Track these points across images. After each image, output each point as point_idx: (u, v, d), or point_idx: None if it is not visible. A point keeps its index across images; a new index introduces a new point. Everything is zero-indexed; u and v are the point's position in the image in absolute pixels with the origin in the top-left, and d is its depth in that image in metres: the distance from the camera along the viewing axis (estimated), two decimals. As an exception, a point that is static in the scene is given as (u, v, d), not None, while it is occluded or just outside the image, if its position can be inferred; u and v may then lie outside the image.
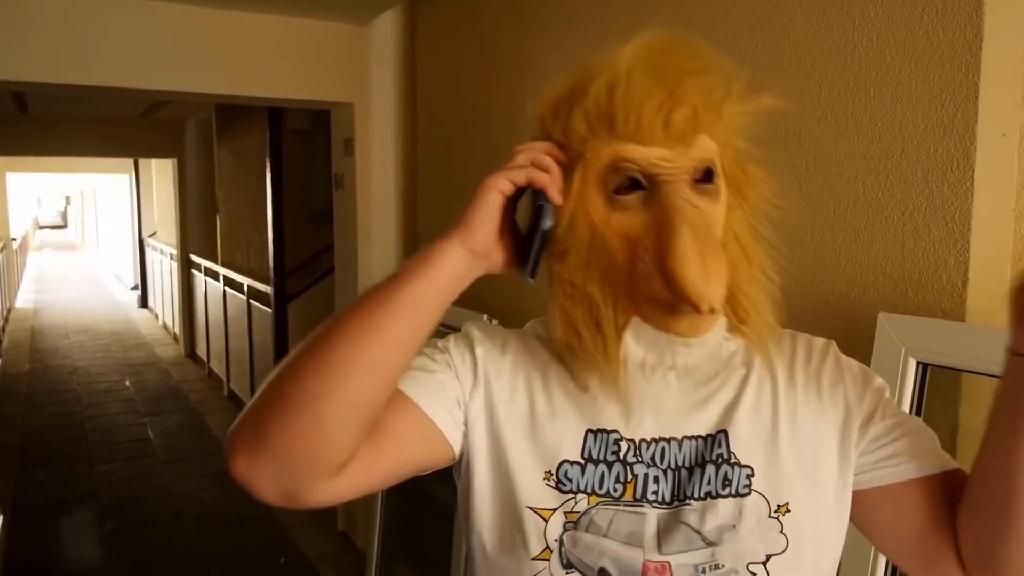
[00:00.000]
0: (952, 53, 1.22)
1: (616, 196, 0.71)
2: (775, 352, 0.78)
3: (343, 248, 3.36)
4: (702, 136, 0.71)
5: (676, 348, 0.74)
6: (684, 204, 0.69)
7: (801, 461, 0.74)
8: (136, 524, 3.90)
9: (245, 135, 5.65)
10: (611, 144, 0.71)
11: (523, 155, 0.74)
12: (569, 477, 0.74)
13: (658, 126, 0.69)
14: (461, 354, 0.79)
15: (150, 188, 10.50)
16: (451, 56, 2.82)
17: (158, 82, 2.85)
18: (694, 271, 0.66)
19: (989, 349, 1.16)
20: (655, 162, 0.70)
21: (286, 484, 0.66)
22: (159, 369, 7.31)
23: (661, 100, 0.69)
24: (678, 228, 0.67)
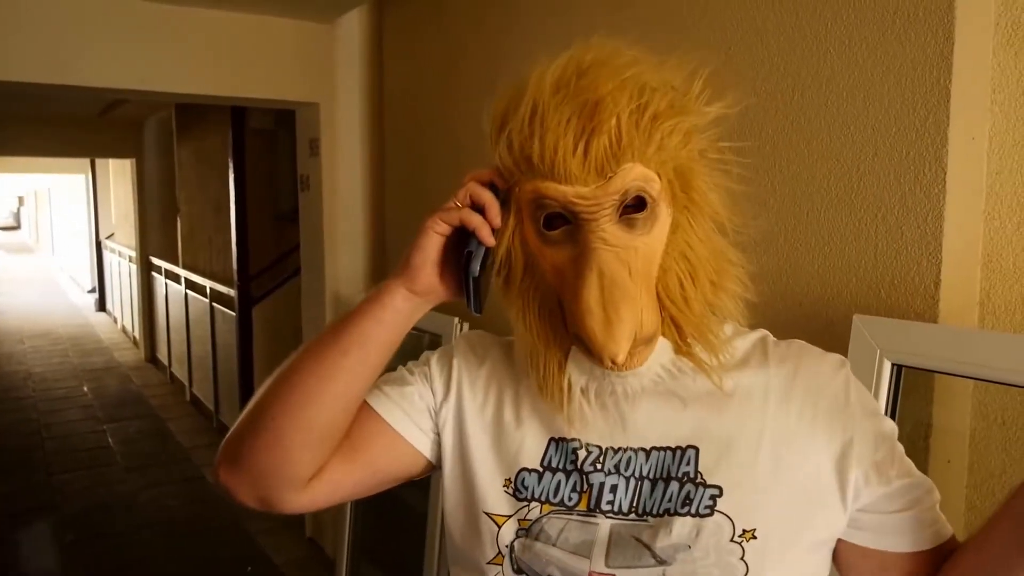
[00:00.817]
0: (924, 57, 1.23)
1: (544, 231, 0.71)
2: (775, 366, 0.75)
3: (309, 250, 3.31)
4: (627, 164, 0.68)
5: (612, 378, 0.73)
6: (598, 246, 0.67)
7: (779, 487, 0.71)
8: (97, 535, 3.80)
9: (206, 135, 5.55)
10: (532, 180, 0.70)
11: (464, 189, 0.75)
12: (526, 485, 0.75)
13: (574, 162, 0.67)
14: (440, 366, 0.84)
15: (107, 189, 10.25)
16: (419, 55, 2.78)
17: (116, 81, 2.77)
18: (596, 323, 0.65)
19: (962, 350, 1.17)
20: (572, 200, 0.68)
21: (258, 492, 0.77)
22: (119, 374, 7.14)
23: (581, 129, 0.67)
24: (585, 276, 0.66)
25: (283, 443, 0.73)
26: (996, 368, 1.13)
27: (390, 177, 3.05)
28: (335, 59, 3.09)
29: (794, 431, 0.72)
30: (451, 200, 0.75)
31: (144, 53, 2.76)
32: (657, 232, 0.70)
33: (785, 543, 0.70)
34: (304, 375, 0.75)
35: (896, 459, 0.73)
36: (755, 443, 0.72)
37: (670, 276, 0.70)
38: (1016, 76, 1.23)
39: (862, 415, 0.73)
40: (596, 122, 0.67)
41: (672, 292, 0.70)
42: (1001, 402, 1.26)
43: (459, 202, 0.75)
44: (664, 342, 0.72)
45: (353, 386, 0.76)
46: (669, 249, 0.71)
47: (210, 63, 2.88)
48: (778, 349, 0.77)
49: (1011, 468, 1.25)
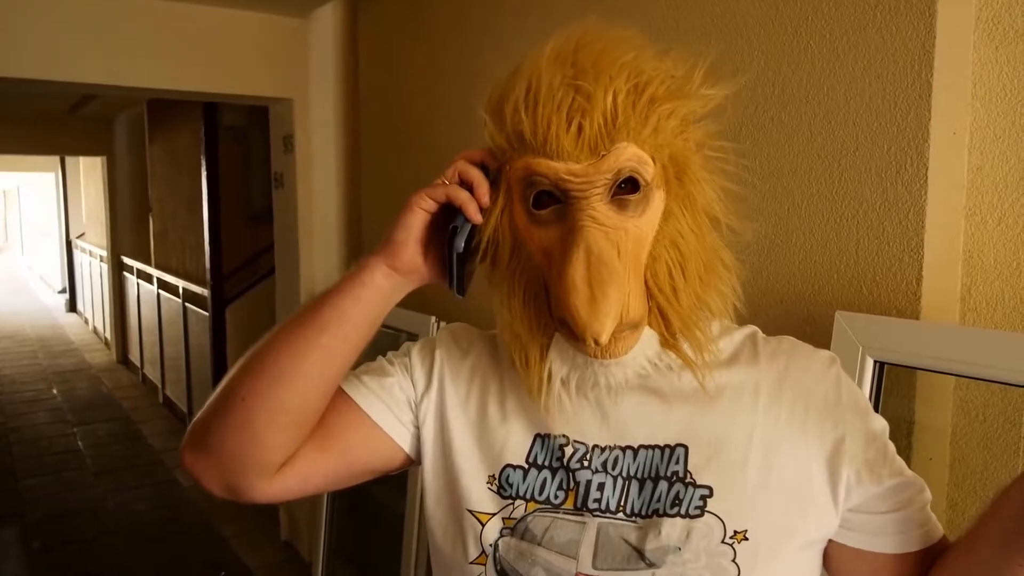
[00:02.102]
0: (905, 50, 1.22)
1: (533, 210, 0.68)
2: (766, 362, 0.73)
3: (284, 249, 3.25)
4: (621, 144, 0.66)
5: (595, 367, 0.69)
6: (587, 223, 0.65)
7: (770, 487, 0.69)
8: (65, 541, 3.70)
9: (179, 132, 5.46)
10: (524, 157, 0.68)
11: (452, 166, 0.73)
12: (510, 482, 0.73)
13: (567, 138, 0.65)
14: (421, 357, 0.81)
15: (78, 187, 10.07)
16: (395, 51, 2.74)
17: (85, 75, 2.70)
18: (580, 301, 0.63)
19: (945, 347, 1.16)
20: (564, 177, 0.66)
21: (226, 478, 0.73)
22: (89, 376, 7.00)
23: (576, 106, 0.65)
24: (572, 253, 0.64)
25: (253, 425, 0.70)
26: (978, 364, 1.12)
27: (366, 175, 3.00)
28: (309, 54, 3.04)
29: (785, 429, 0.70)
30: (440, 178, 0.73)
31: (114, 47, 2.69)
32: (649, 216, 0.68)
33: (777, 544, 0.68)
34: (277, 353, 0.71)
35: (888, 458, 0.71)
36: (746, 442, 0.70)
37: (659, 264, 0.68)
38: (996, 70, 1.22)
39: (853, 413, 0.71)
40: (591, 98, 0.64)
41: (661, 281, 0.68)
42: (982, 398, 1.25)
43: (447, 179, 0.73)
44: (650, 333, 0.69)
45: (329, 366, 0.72)
46: (660, 237, 0.68)
47: (182, 58, 2.81)
48: (768, 346, 0.75)
49: (992, 465, 1.25)
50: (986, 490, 1.25)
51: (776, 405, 0.71)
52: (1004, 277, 1.23)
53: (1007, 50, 1.21)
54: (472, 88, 2.30)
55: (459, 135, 2.37)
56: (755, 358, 0.74)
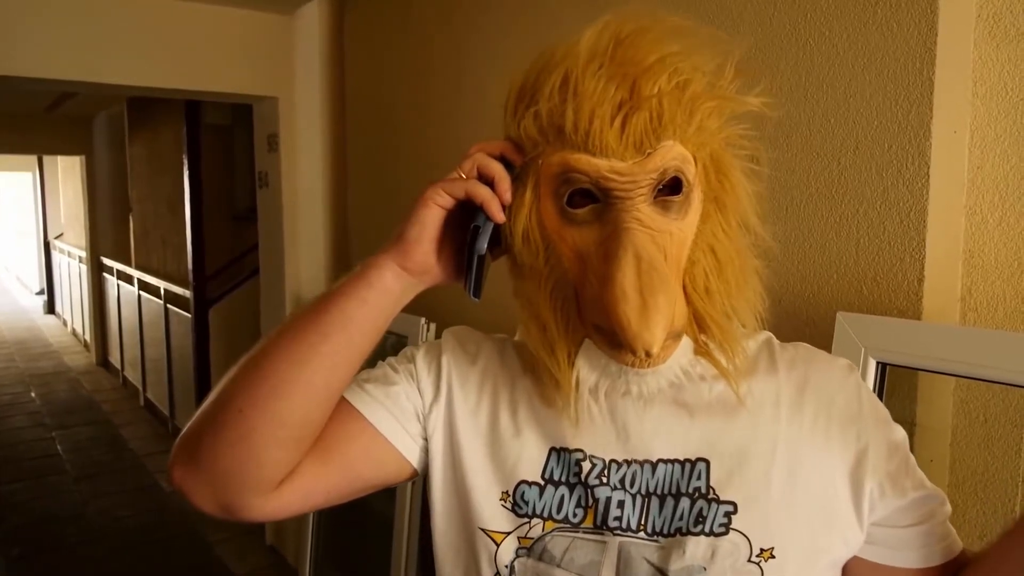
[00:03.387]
0: (906, 48, 1.20)
1: (568, 208, 0.64)
2: (785, 371, 0.71)
3: (268, 249, 3.21)
4: (667, 142, 0.63)
5: (628, 376, 0.66)
6: (633, 226, 0.61)
7: (796, 501, 0.66)
8: (45, 548, 3.63)
9: (160, 131, 5.39)
10: (561, 152, 0.63)
11: (470, 159, 0.67)
12: (526, 499, 0.69)
13: (611, 134, 0.61)
14: (427, 363, 0.76)
15: (56, 187, 9.93)
16: (382, 49, 2.71)
17: (64, 72, 2.63)
18: (631, 310, 0.59)
19: (945, 348, 1.14)
20: (607, 175, 0.62)
21: (220, 497, 0.67)
22: (68, 379, 6.89)
23: (619, 101, 0.61)
24: (620, 257, 0.60)
25: (250, 440, 0.64)
26: (979, 365, 1.11)
27: (352, 174, 2.96)
28: (294, 52, 3.00)
29: (808, 440, 0.68)
30: (455, 171, 0.67)
31: (94, 43, 2.63)
32: (691, 218, 0.65)
33: (805, 561, 0.65)
34: (277, 361, 0.65)
35: (910, 469, 0.69)
36: (769, 454, 0.67)
37: (697, 269, 0.65)
38: (997, 69, 1.21)
39: (875, 423, 0.69)
40: (637, 93, 0.60)
41: (698, 286, 0.65)
42: (983, 399, 1.24)
43: (464, 173, 0.67)
44: (687, 340, 0.66)
45: (333, 375, 0.66)
46: (698, 240, 0.65)
47: (163, 54, 2.76)
48: (785, 353, 0.73)
49: (993, 466, 1.24)
50: (987, 492, 1.24)
51: (798, 416, 0.69)
52: (1005, 277, 1.22)
53: (1008, 48, 1.20)
54: (463, 86, 2.27)
55: (449, 133, 2.34)
56: (773, 366, 0.71)
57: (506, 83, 0.69)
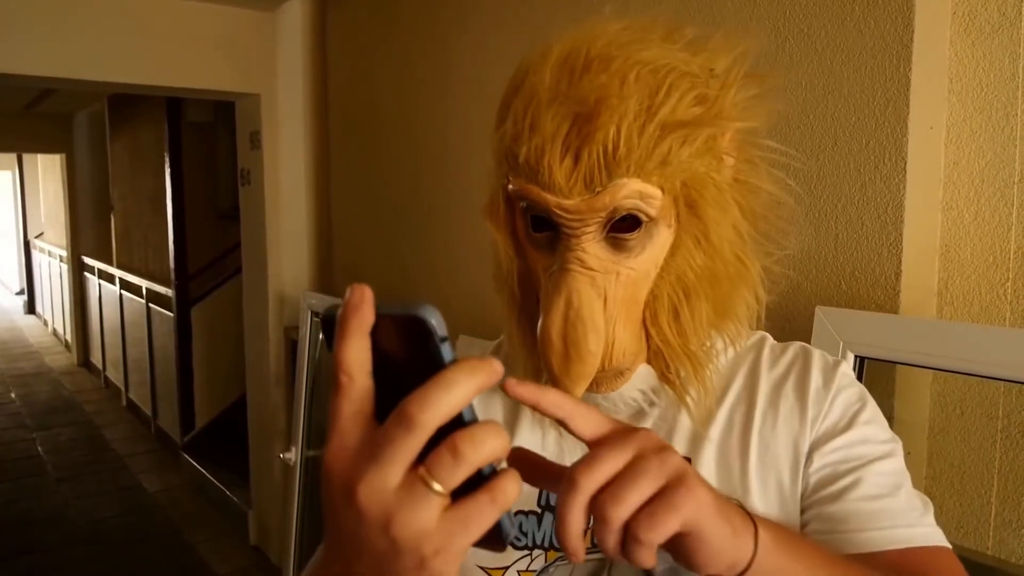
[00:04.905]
0: (883, 45, 1.22)
1: (531, 231, 0.63)
2: (766, 372, 0.69)
3: (251, 247, 3.19)
4: (620, 180, 0.58)
5: (596, 400, 0.65)
6: (574, 267, 0.59)
7: (768, 493, 0.65)
8: (26, 550, 3.59)
9: (141, 129, 5.34)
10: (519, 178, 0.62)
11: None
12: (524, 530, 0.65)
13: (560, 171, 0.58)
14: None
15: (36, 185, 9.82)
16: (365, 45, 2.70)
17: (43, 68, 2.60)
18: (555, 356, 0.59)
19: (923, 341, 1.16)
20: (554, 211, 0.60)
21: None
22: (50, 379, 6.82)
23: (575, 134, 0.57)
24: (553, 302, 0.59)
25: None
26: (956, 358, 1.12)
27: (335, 171, 2.95)
28: (276, 49, 2.98)
29: (781, 437, 0.67)
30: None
31: (73, 39, 2.60)
32: (650, 254, 0.62)
33: None
34: None
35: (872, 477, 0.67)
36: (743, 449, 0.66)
37: (660, 303, 0.62)
38: (972, 65, 1.22)
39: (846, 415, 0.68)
40: (592, 126, 0.57)
41: (660, 320, 0.62)
42: (960, 392, 1.26)
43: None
44: (646, 369, 0.65)
45: None
46: (664, 273, 0.62)
47: (144, 51, 2.73)
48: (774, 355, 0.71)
49: (970, 458, 1.25)
50: (964, 483, 1.26)
51: (773, 412, 0.68)
52: (980, 271, 1.24)
53: (983, 45, 1.21)
54: (448, 84, 2.27)
55: (434, 130, 2.33)
56: (756, 368, 0.70)
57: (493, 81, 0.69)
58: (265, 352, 3.10)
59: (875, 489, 0.63)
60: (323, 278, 3.12)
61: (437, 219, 2.33)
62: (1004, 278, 1.21)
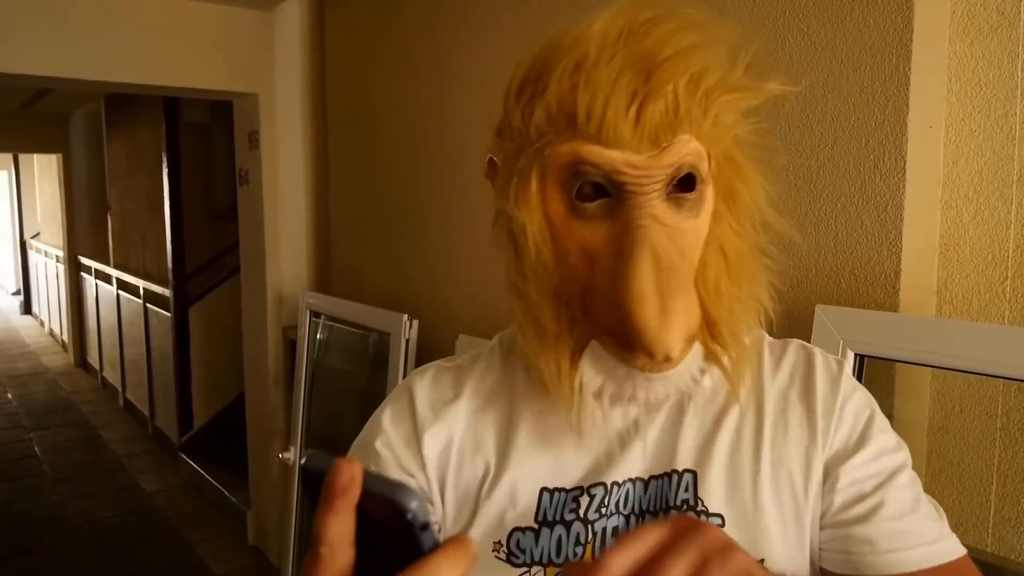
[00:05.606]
0: (883, 44, 1.22)
1: (578, 202, 0.59)
2: (774, 373, 0.69)
3: (249, 247, 3.18)
4: (683, 136, 0.59)
5: (637, 381, 0.61)
6: (649, 224, 0.57)
7: (783, 507, 0.64)
8: (24, 551, 3.58)
9: (138, 128, 5.33)
10: (571, 142, 0.59)
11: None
12: (522, 547, 0.63)
13: (626, 125, 0.57)
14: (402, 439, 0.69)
15: (32, 185, 9.79)
16: (364, 45, 2.70)
17: (40, 67, 2.59)
18: (650, 312, 0.55)
19: (922, 339, 1.16)
20: (620, 168, 0.58)
21: None
22: (46, 380, 6.81)
23: (634, 90, 0.56)
24: (636, 256, 0.56)
25: None
26: (955, 356, 1.13)
27: (334, 171, 2.95)
28: (274, 48, 2.98)
29: (793, 444, 0.66)
30: None
31: (70, 38, 2.60)
32: (704, 217, 0.61)
33: (793, 568, 0.64)
34: None
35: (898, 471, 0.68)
36: (754, 462, 0.65)
37: (709, 270, 0.61)
38: (971, 64, 1.23)
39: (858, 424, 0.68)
40: (652, 84, 0.56)
41: (709, 288, 0.61)
42: (959, 390, 1.26)
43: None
44: (696, 345, 0.62)
45: None
46: (709, 240, 0.62)
47: (141, 50, 2.73)
48: (776, 353, 0.70)
49: (969, 456, 1.26)
50: (963, 481, 1.26)
51: (783, 418, 0.67)
52: (979, 270, 1.24)
53: (982, 44, 1.21)
54: (447, 84, 2.27)
55: (433, 130, 2.33)
56: (760, 367, 0.69)
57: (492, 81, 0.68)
58: (263, 352, 3.10)
59: (900, 506, 0.64)
60: (321, 278, 3.12)
61: (435, 218, 2.33)
62: (1003, 276, 1.22)
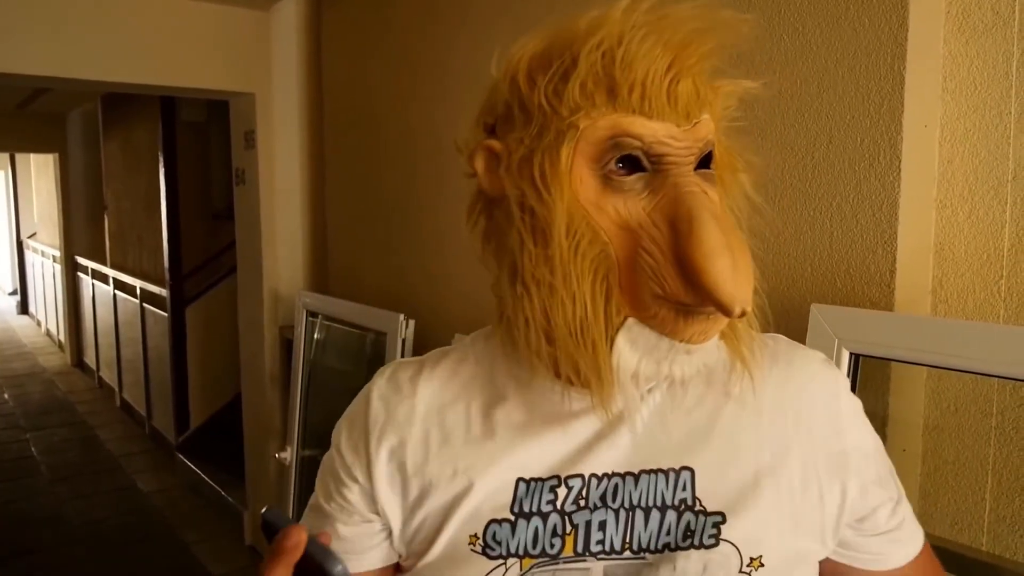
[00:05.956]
0: (878, 43, 1.22)
1: (615, 176, 0.59)
2: (767, 367, 0.68)
3: (245, 247, 3.18)
4: (706, 115, 0.61)
5: (677, 356, 0.60)
6: (698, 191, 0.58)
7: (781, 505, 0.64)
8: (21, 552, 3.58)
9: (135, 128, 5.32)
10: (610, 115, 0.58)
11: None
12: (498, 540, 0.63)
13: (664, 98, 0.58)
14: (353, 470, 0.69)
15: (29, 185, 9.78)
16: (360, 44, 2.69)
17: (36, 67, 2.59)
18: (724, 268, 0.54)
19: (918, 338, 1.16)
20: (663, 140, 0.58)
21: None
22: (43, 380, 6.80)
23: (668, 65, 0.58)
24: (701, 218, 0.56)
25: None
26: (950, 355, 1.13)
27: (330, 170, 2.95)
28: (271, 47, 2.97)
29: (791, 441, 0.66)
30: None
31: (67, 37, 2.59)
32: (718, 196, 0.62)
33: (790, 566, 0.64)
34: None
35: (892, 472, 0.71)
36: (754, 459, 0.65)
37: None
38: (966, 64, 1.23)
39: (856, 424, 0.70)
40: (682, 63, 0.58)
41: None
42: (954, 389, 1.26)
43: None
44: None
45: None
46: None
47: (138, 50, 2.72)
48: (765, 349, 0.70)
49: (964, 455, 1.26)
50: (958, 480, 1.26)
51: (781, 416, 0.67)
52: (974, 269, 1.24)
53: (976, 44, 1.22)
54: (444, 83, 2.27)
55: (430, 130, 2.33)
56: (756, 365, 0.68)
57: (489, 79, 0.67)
58: (260, 352, 3.10)
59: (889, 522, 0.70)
60: (318, 277, 3.11)
61: (432, 218, 2.33)
62: (998, 275, 1.22)
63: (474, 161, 0.66)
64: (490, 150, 0.65)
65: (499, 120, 0.66)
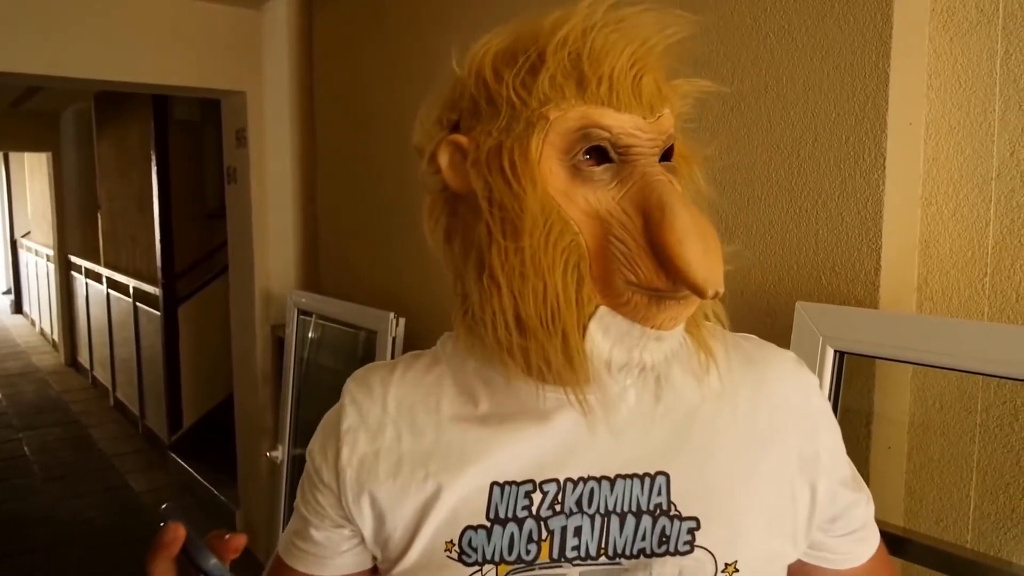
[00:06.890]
0: (863, 41, 1.22)
1: (584, 167, 0.59)
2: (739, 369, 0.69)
3: (237, 246, 3.17)
4: (666, 109, 0.62)
5: (648, 343, 0.60)
6: (665, 180, 0.59)
7: (754, 508, 0.64)
8: (14, 552, 3.57)
9: (128, 127, 5.31)
10: (580, 107, 0.59)
11: None
12: (473, 546, 0.63)
13: (630, 91, 0.59)
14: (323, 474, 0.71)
15: (22, 184, 9.75)
16: (352, 43, 2.69)
17: (29, 65, 2.58)
18: (696, 251, 0.55)
19: (903, 336, 1.16)
20: (631, 131, 0.59)
21: None
22: (37, 379, 6.78)
23: (632, 61, 0.59)
24: (673, 204, 0.57)
25: None
26: (935, 352, 1.13)
27: (322, 169, 2.95)
28: (262, 46, 2.97)
29: (767, 444, 0.66)
30: None
31: (59, 36, 2.58)
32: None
33: (763, 569, 0.65)
34: None
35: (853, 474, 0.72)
36: (728, 463, 0.65)
37: None
38: (951, 62, 1.23)
39: (827, 425, 0.70)
40: (646, 57, 0.60)
41: None
42: (939, 387, 1.27)
43: None
44: None
45: None
46: None
47: (130, 48, 2.72)
48: (737, 349, 0.70)
49: (949, 452, 1.26)
50: (943, 478, 1.27)
51: (755, 416, 0.67)
52: (959, 266, 1.25)
53: (961, 41, 1.22)
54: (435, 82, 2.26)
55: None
56: (727, 364, 0.68)
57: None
58: (252, 350, 3.10)
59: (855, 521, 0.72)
60: (310, 276, 3.11)
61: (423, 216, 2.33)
62: (983, 273, 1.22)
63: (438, 157, 0.66)
64: (456, 145, 0.65)
65: (464, 115, 0.66)
